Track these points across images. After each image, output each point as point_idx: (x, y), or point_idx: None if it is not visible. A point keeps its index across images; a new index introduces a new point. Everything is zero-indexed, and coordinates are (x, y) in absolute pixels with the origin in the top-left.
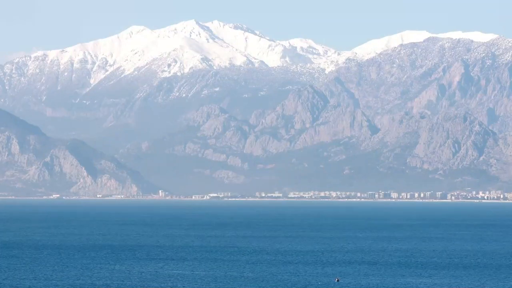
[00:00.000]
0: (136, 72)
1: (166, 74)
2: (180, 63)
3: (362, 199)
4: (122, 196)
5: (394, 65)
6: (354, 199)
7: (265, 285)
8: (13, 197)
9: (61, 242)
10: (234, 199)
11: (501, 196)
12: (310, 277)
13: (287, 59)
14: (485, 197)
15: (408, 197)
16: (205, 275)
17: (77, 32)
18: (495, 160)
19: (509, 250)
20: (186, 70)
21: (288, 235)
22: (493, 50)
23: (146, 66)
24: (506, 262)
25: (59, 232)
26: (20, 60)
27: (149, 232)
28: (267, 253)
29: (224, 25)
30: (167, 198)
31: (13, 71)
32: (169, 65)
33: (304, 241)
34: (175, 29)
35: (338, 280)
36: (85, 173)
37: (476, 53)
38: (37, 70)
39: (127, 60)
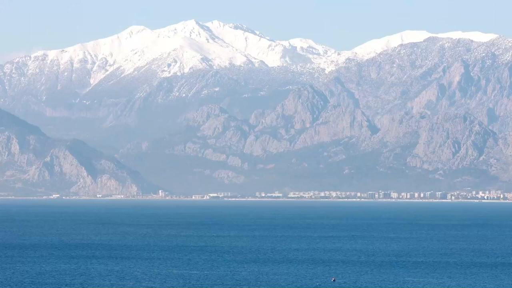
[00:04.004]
0: (136, 72)
1: (166, 74)
2: (180, 63)
3: (362, 199)
4: (122, 196)
5: (394, 65)
6: (354, 199)
7: (262, 284)
8: (12, 197)
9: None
10: (234, 199)
11: (501, 196)
12: (307, 276)
13: (287, 59)
14: (485, 197)
15: (408, 197)
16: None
17: (77, 32)
18: (495, 160)
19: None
20: (186, 70)
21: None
22: (493, 50)
23: (146, 66)
24: (502, 260)
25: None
26: (20, 60)
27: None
28: (264, 253)
29: (224, 25)
30: (167, 198)
31: (13, 71)
32: (169, 65)
33: (302, 241)
34: (175, 29)
35: (334, 280)
36: (85, 173)
37: (476, 53)
38: (37, 70)
39: (127, 60)
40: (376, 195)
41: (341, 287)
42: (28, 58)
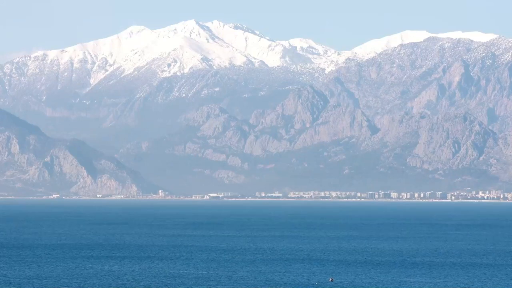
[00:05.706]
0: (136, 72)
1: (166, 74)
2: (180, 63)
3: (362, 199)
4: (122, 196)
5: (394, 65)
6: (354, 199)
7: (259, 284)
8: (13, 197)
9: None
10: (234, 199)
11: (501, 196)
12: (305, 276)
13: (287, 59)
14: (485, 197)
15: (408, 197)
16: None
17: (77, 32)
18: (495, 160)
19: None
20: (186, 70)
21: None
22: (493, 50)
23: (146, 66)
24: (501, 260)
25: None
26: (20, 60)
27: None
28: (263, 253)
29: (224, 25)
30: (167, 198)
31: (13, 71)
32: (169, 65)
33: (301, 241)
34: (175, 29)
35: (332, 280)
36: (85, 173)
37: (476, 53)
38: (37, 70)
39: (127, 60)
40: (376, 195)
41: (339, 287)
42: (28, 58)
